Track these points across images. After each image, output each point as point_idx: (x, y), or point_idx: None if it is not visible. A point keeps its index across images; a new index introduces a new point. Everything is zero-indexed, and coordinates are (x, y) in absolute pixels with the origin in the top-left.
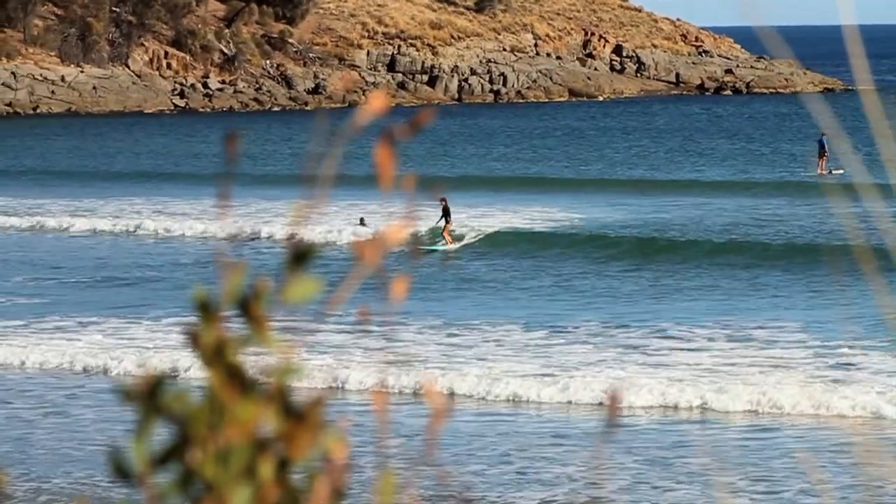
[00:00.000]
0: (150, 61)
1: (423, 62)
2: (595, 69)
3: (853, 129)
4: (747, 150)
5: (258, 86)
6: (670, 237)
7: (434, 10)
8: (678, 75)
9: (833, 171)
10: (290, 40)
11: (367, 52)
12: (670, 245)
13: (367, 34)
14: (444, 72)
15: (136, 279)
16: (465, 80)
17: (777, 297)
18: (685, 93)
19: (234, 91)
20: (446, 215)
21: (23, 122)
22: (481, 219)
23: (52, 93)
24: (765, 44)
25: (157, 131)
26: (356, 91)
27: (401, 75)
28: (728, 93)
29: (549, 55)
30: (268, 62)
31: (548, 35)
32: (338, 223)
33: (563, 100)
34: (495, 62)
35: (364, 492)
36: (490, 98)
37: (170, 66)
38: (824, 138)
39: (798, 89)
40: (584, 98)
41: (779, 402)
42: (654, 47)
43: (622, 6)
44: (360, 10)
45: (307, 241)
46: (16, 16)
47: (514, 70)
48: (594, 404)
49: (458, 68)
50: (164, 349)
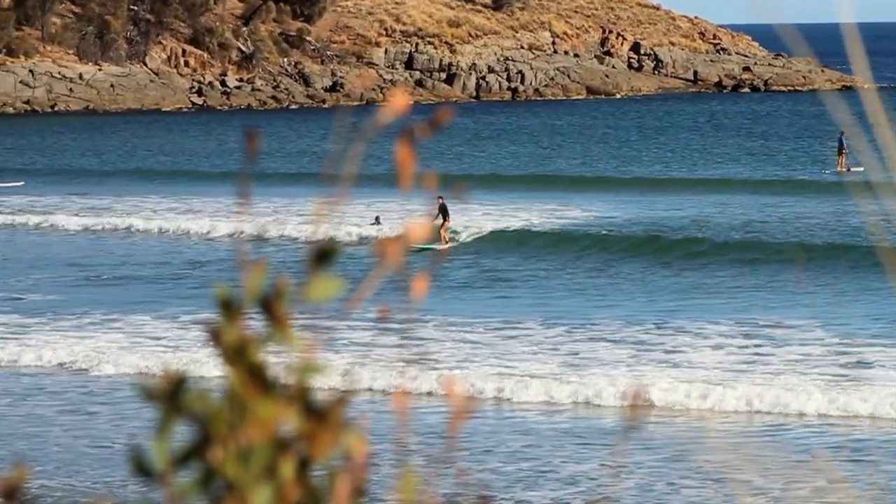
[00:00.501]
0: (168, 59)
1: (441, 60)
2: (613, 67)
3: (871, 127)
4: (764, 148)
5: (276, 84)
6: (687, 235)
7: (452, 8)
8: (696, 73)
9: (852, 169)
10: (307, 38)
11: (385, 50)
12: (687, 243)
13: (384, 32)
14: (461, 69)
15: (151, 277)
16: (483, 78)
17: (796, 295)
18: (703, 90)
19: (252, 89)
20: (443, 214)
21: (41, 120)
22: (496, 217)
23: (70, 91)
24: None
25: (174, 129)
26: (374, 89)
27: (419, 73)
28: (746, 90)
29: (566, 53)
30: (285, 60)
31: (565, 33)
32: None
33: (580, 97)
34: (513, 60)
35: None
36: (508, 96)
37: (187, 63)
38: (843, 136)
39: (816, 87)
40: (602, 96)
41: (793, 400)
42: (672, 45)
43: (640, 4)
44: (377, 8)
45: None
46: (34, 14)
47: (531, 68)
48: (614, 403)
49: (476, 66)
50: (181, 348)
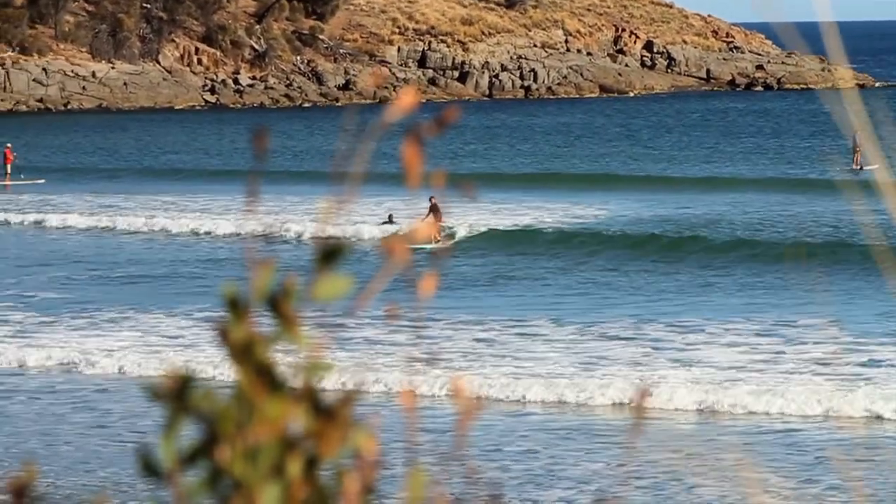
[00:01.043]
0: (181, 57)
1: (454, 58)
2: (626, 65)
3: (882, 124)
4: (777, 146)
5: (289, 82)
6: (699, 234)
7: (465, 6)
8: (709, 71)
9: (864, 168)
10: (320, 36)
11: (398, 48)
12: (699, 242)
13: (397, 30)
14: (474, 68)
15: (164, 275)
16: (496, 77)
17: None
18: (716, 89)
19: (265, 87)
20: (434, 213)
21: (54, 118)
22: (507, 215)
23: (83, 89)
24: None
25: (187, 127)
26: (386, 87)
27: (431, 71)
28: (759, 89)
29: (579, 51)
30: (298, 58)
31: (578, 31)
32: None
33: (593, 96)
34: (526, 58)
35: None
36: (521, 94)
37: (200, 61)
38: (857, 134)
39: (829, 85)
40: (615, 94)
41: (806, 399)
42: (685, 43)
43: (653, 2)
44: (390, 6)
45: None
46: (47, 12)
47: (544, 66)
48: (623, 402)
49: (489, 64)
50: (193, 346)
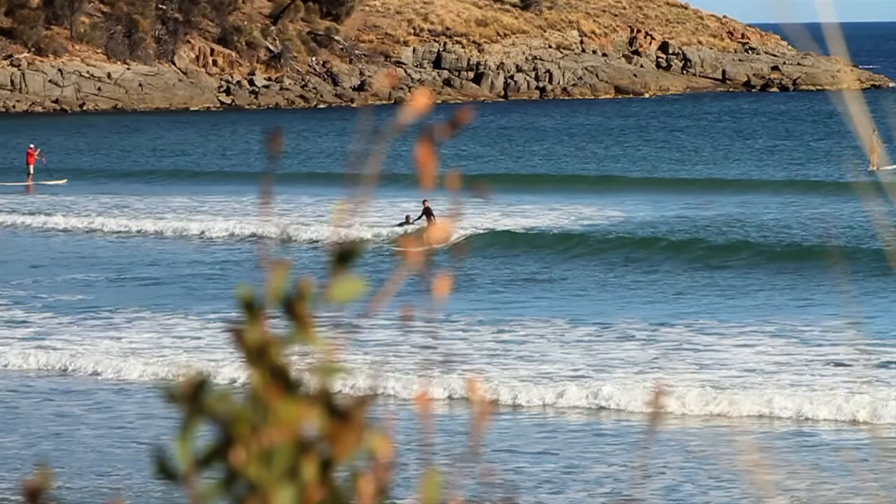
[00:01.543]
0: (196, 58)
1: (469, 59)
2: (641, 66)
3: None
4: (793, 147)
5: (304, 83)
6: (715, 236)
7: (480, 7)
8: (724, 72)
9: (881, 169)
10: (336, 37)
11: (413, 49)
12: (714, 244)
13: (412, 31)
14: (489, 69)
15: (181, 277)
16: (511, 77)
17: (826, 295)
18: (731, 90)
19: (280, 88)
20: (428, 217)
21: (69, 119)
22: (521, 216)
23: (99, 90)
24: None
25: (203, 128)
26: (402, 88)
27: (447, 72)
28: (774, 90)
29: (594, 52)
30: (314, 59)
31: (594, 32)
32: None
33: (608, 97)
34: (541, 59)
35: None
36: (536, 95)
37: (216, 63)
38: (875, 135)
39: (845, 86)
40: (630, 95)
41: (822, 401)
42: (701, 44)
43: (668, 3)
44: (406, 8)
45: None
46: (63, 13)
47: (559, 67)
48: (638, 405)
49: (504, 65)
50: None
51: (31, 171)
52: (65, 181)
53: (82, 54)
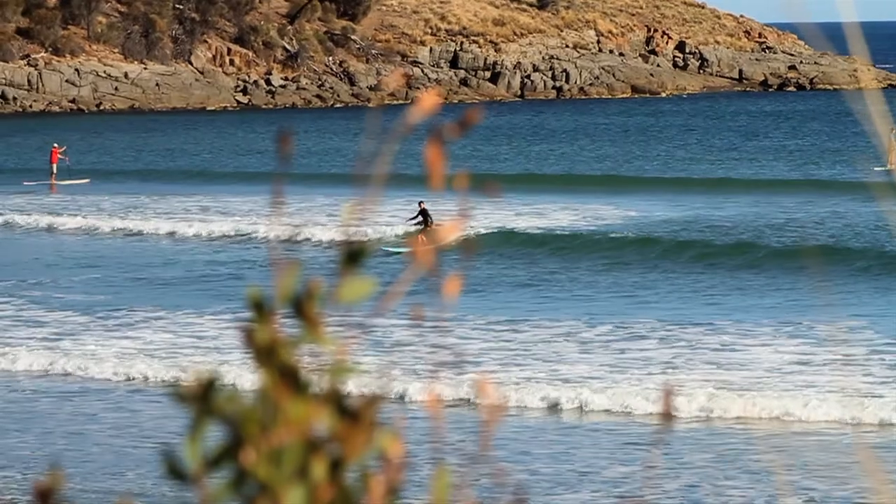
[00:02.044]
0: (213, 58)
1: (486, 59)
2: (658, 66)
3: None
4: (809, 147)
5: (321, 82)
6: (731, 236)
7: (497, 7)
8: (741, 72)
9: None
10: (352, 37)
11: (430, 49)
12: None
13: (429, 31)
14: (506, 68)
15: (196, 277)
16: (528, 77)
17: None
18: (748, 89)
19: (297, 88)
20: (424, 218)
21: (86, 119)
22: (534, 216)
23: (116, 90)
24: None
25: (220, 128)
26: (418, 88)
27: (463, 72)
28: (791, 89)
29: (611, 52)
30: (330, 59)
31: (610, 31)
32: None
33: (625, 96)
34: (558, 59)
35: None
36: (552, 95)
37: (233, 62)
38: (893, 133)
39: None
40: (647, 95)
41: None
42: (718, 44)
43: (685, 2)
44: (422, 7)
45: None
46: (80, 13)
47: (576, 67)
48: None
49: (521, 65)
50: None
51: (55, 171)
52: (87, 180)
53: (99, 54)
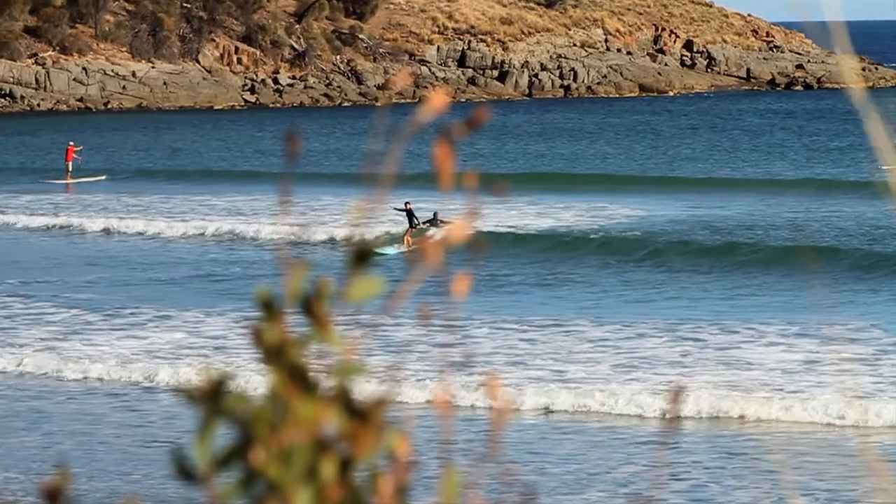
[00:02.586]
0: (221, 57)
1: (494, 57)
2: (665, 64)
3: None
4: (816, 146)
5: (328, 81)
6: (738, 235)
7: (504, 6)
8: (749, 70)
9: None
10: (360, 36)
11: (438, 48)
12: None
13: (437, 30)
14: (514, 67)
15: (204, 277)
16: (536, 76)
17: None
18: (756, 88)
19: (305, 86)
20: (410, 219)
21: (94, 118)
22: (542, 216)
23: (123, 88)
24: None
25: (227, 127)
26: (426, 87)
27: (471, 71)
28: (799, 88)
29: (619, 50)
30: (338, 57)
31: (618, 30)
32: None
33: (633, 95)
34: (566, 57)
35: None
36: (560, 93)
37: (240, 61)
38: None
39: (870, 85)
40: (655, 93)
41: (846, 401)
42: (725, 42)
43: (693, 1)
44: (430, 6)
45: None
46: (87, 11)
47: (584, 65)
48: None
49: (529, 64)
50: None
51: (70, 169)
52: (104, 177)
53: (107, 53)
